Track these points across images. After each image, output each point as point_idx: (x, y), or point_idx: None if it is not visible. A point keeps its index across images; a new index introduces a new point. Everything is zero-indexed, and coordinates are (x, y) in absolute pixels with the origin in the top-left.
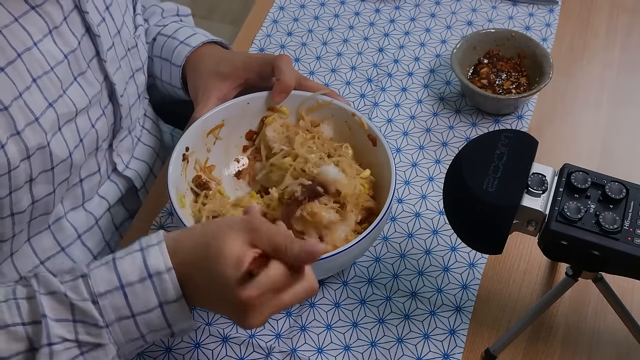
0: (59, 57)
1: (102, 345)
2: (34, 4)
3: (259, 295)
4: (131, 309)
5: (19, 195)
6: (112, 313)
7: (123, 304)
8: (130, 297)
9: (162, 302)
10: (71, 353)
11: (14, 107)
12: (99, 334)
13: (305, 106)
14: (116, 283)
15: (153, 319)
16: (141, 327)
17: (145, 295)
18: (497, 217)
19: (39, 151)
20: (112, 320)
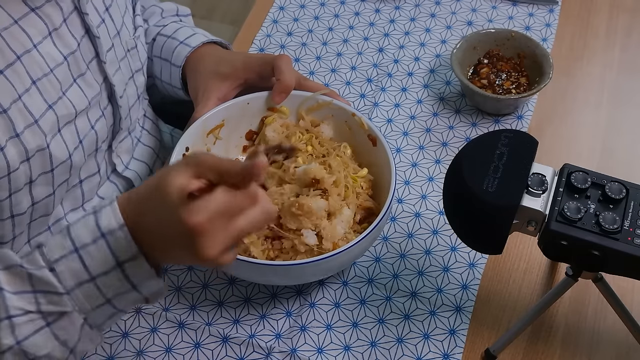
0: (59, 59)
1: (67, 314)
2: (34, 5)
3: (207, 219)
4: (89, 272)
5: (18, 197)
6: (70, 279)
7: (80, 267)
8: (86, 259)
9: (119, 260)
10: (35, 325)
11: (13, 110)
12: (60, 301)
13: (305, 106)
14: (70, 247)
15: (114, 280)
16: (103, 290)
17: (100, 255)
18: (497, 217)
19: (38, 153)
20: (72, 286)
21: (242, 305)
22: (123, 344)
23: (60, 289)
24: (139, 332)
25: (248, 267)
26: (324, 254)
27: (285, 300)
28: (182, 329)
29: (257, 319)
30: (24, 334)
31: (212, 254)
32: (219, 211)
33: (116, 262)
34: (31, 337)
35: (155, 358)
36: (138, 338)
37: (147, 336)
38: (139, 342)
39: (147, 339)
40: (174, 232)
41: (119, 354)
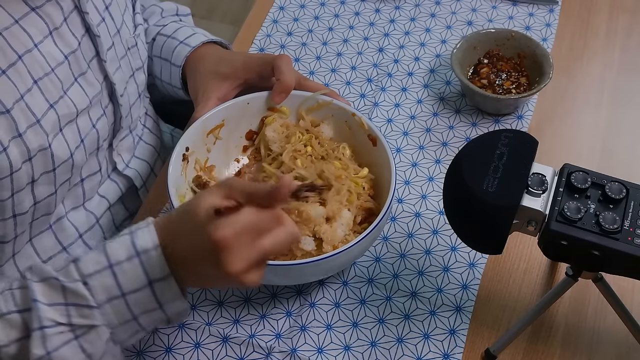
0: (60, 58)
1: (95, 327)
2: (34, 5)
3: (233, 234)
4: (121, 288)
5: (21, 197)
6: (102, 293)
7: (112, 283)
8: (119, 276)
9: (150, 279)
10: (65, 337)
11: (15, 110)
12: (91, 315)
13: (305, 106)
14: (105, 263)
15: (143, 298)
16: (132, 307)
17: (133, 273)
18: (497, 217)
19: (40, 153)
20: (103, 301)
21: (242, 305)
22: None
23: (92, 302)
24: None
25: None
26: (324, 254)
27: (285, 300)
28: (182, 329)
29: (257, 319)
30: (54, 346)
31: (236, 269)
32: (244, 228)
33: (147, 280)
34: (60, 348)
35: (155, 358)
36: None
37: (147, 336)
38: (139, 342)
39: (147, 339)
40: (202, 249)
41: None
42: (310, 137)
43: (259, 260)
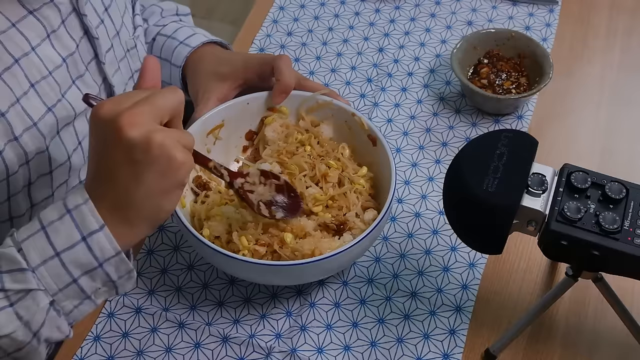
0: (57, 61)
1: (31, 292)
2: (32, 8)
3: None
4: (54, 247)
5: (17, 200)
6: (36, 256)
7: (45, 243)
8: (51, 235)
9: (83, 234)
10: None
11: (10, 113)
12: (24, 279)
13: (305, 106)
14: (38, 227)
15: (79, 254)
16: (69, 266)
17: (66, 230)
18: (497, 217)
19: (37, 156)
20: (37, 263)
21: (242, 305)
22: (123, 344)
23: (24, 264)
24: (139, 332)
25: (248, 267)
26: (324, 254)
27: (285, 300)
28: (182, 329)
29: (257, 319)
30: None
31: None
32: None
33: (81, 235)
34: None
35: (155, 358)
36: (138, 338)
37: (147, 336)
38: (139, 342)
39: (147, 339)
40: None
41: (119, 354)
42: (310, 136)
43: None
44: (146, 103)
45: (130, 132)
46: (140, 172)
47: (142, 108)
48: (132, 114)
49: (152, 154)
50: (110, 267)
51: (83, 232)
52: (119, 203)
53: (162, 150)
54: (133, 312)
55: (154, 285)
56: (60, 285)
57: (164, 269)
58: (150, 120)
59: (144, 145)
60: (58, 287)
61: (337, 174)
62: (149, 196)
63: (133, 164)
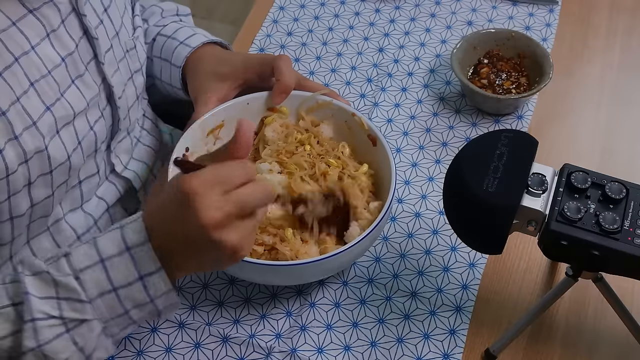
0: (57, 61)
1: (87, 321)
2: (32, 7)
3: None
4: (112, 283)
5: (17, 199)
6: (94, 288)
7: (104, 278)
8: (110, 271)
9: (141, 274)
10: (56, 330)
11: (11, 112)
12: (83, 309)
13: (305, 106)
14: (96, 258)
15: (134, 292)
16: (123, 301)
17: (124, 268)
18: (497, 217)
19: (37, 155)
20: (95, 295)
21: (242, 305)
22: (123, 343)
23: (84, 296)
24: (139, 332)
25: (248, 267)
26: (324, 254)
27: (285, 300)
28: (182, 329)
29: (257, 319)
30: (45, 338)
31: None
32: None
33: (138, 275)
34: (52, 341)
35: (155, 358)
36: (138, 338)
37: (147, 336)
38: (139, 342)
39: (147, 339)
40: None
41: (119, 354)
42: (310, 136)
43: (237, 213)
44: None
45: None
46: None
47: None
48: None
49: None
50: (160, 302)
51: (141, 272)
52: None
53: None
54: None
55: None
56: (112, 315)
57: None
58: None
59: (217, 245)
60: (110, 317)
61: (337, 172)
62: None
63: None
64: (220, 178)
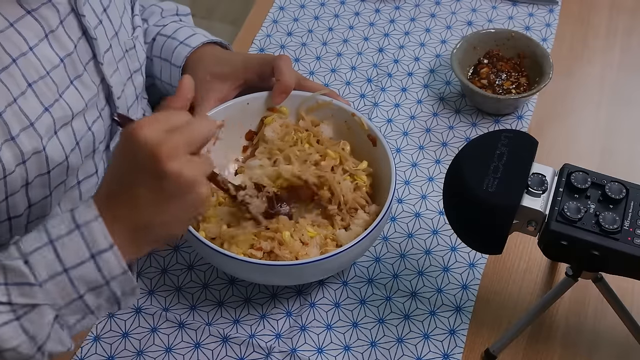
0: (55, 61)
1: (37, 306)
2: (30, 8)
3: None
4: (62, 263)
5: (15, 200)
6: (43, 270)
7: (53, 258)
8: (60, 251)
9: (93, 252)
10: (5, 317)
11: (7, 113)
12: (32, 294)
13: (305, 106)
14: (45, 239)
15: (87, 272)
16: (76, 283)
17: (74, 247)
18: (497, 217)
19: (34, 156)
20: (45, 278)
21: (242, 305)
22: (123, 344)
23: (33, 279)
24: (139, 332)
25: (248, 267)
26: (324, 254)
27: (285, 300)
28: (182, 329)
29: (257, 319)
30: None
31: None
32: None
33: (90, 253)
34: (1, 328)
35: (155, 358)
36: (138, 338)
37: (147, 336)
38: (139, 342)
39: (147, 339)
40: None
41: (119, 354)
42: (309, 135)
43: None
44: (184, 134)
45: (167, 165)
46: (166, 202)
47: (180, 139)
48: (171, 146)
49: (181, 188)
50: (116, 284)
51: (92, 251)
52: (133, 225)
53: (191, 185)
54: (133, 312)
55: (154, 285)
56: (65, 301)
57: (164, 269)
58: (186, 153)
59: (176, 179)
60: (63, 302)
61: (332, 163)
62: (166, 224)
63: (161, 193)
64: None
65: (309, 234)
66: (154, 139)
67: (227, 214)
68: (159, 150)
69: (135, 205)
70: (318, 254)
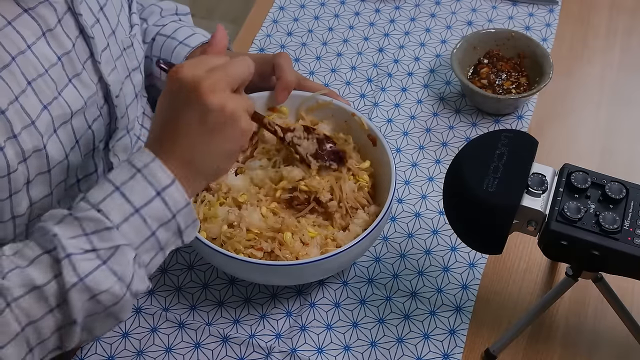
0: (53, 60)
1: (119, 247)
2: (27, 7)
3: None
4: (133, 205)
5: (18, 198)
6: (117, 214)
7: (123, 202)
8: (127, 195)
9: (158, 190)
10: (93, 263)
11: (10, 111)
12: (111, 237)
13: (305, 106)
14: (111, 188)
15: (156, 209)
16: (148, 220)
17: (140, 188)
18: (497, 217)
19: (35, 154)
20: (120, 221)
21: (242, 305)
22: (123, 344)
23: (109, 224)
24: (139, 332)
25: (248, 267)
26: (324, 254)
27: (285, 300)
28: (182, 329)
29: (257, 319)
30: (85, 271)
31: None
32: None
33: (155, 191)
34: (92, 273)
35: (155, 358)
36: (138, 338)
37: (147, 336)
38: (139, 342)
39: (147, 339)
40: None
41: (119, 354)
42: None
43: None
44: (223, 71)
45: (210, 98)
46: (210, 134)
47: (220, 75)
48: (212, 81)
49: (223, 120)
50: (181, 218)
51: (157, 188)
52: (184, 159)
53: (232, 118)
54: (133, 312)
55: (154, 285)
56: (141, 239)
57: (164, 269)
58: (226, 88)
59: (218, 111)
60: (139, 241)
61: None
62: (213, 156)
63: (205, 125)
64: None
65: (309, 234)
66: (197, 75)
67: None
68: (202, 84)
69: (184, 139)
70: (318, 254)
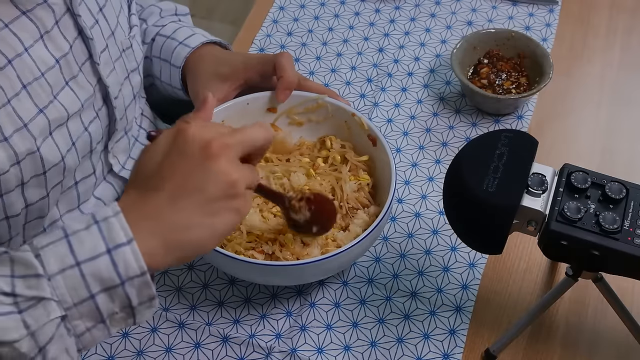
0: (50, 62)
1: (43, 301)
2: (25, 9)
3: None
4: (75, 256)
5: (11, 199)
6: (54, 263)
7: (66, 251)
8: (74, 244)
9: (109, 247)
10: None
11: (1, 114)
12: (38, 286)
13: (305, 106)
14: (60, 234)
15: (101, 267)
16: (88, 278)
17: (91, 240)
18: (497, 217)
19: (29, 156)
20: (55, 271)
21: (242, 305)
22: (123, 344)
23: (41, 271)
24: (139, 332)
25: (248, 267)
26: (324, 254)
27: (285, 300)
28: (182, 329)
29: (257, 319)
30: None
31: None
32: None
33: (106, 247)
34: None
35: (155, 358)
36: (138, 338)
37: (147, 336)
38: (139, 342)
39: (147, 339)
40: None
41: (119, 354)
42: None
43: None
44: (236, 136)
45: (217, 162)
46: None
47: (232, 139)
48: (225, 144)
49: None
50: (132, 289)
51: (109, 244)
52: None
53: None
54: None
55: None
56: (75, 300)
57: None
58: (236, 155)
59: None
60: (73, 302)
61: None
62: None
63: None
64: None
65: None
66: (207, 134)
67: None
68: (212, 145)
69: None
70: (319, 255)
